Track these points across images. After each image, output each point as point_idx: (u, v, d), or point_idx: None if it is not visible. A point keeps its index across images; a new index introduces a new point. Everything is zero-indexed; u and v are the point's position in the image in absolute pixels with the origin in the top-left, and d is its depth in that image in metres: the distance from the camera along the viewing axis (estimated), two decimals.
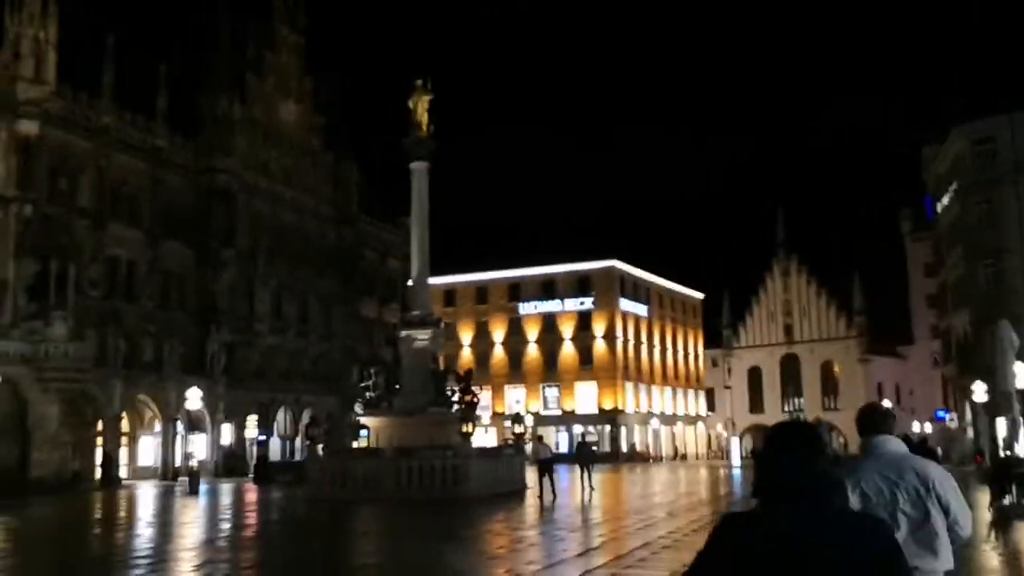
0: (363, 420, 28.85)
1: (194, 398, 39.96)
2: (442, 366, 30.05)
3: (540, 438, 29.26)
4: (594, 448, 31.80)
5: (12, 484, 39.46)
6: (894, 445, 4.33)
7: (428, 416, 27.01)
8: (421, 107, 29.91)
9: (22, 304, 42.26)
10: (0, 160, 42.73)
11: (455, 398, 27.82)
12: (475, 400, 28.25)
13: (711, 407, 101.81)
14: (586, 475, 25.40)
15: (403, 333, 28.50)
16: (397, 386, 28.42)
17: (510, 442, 32.93)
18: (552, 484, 25.26)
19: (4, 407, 41.19)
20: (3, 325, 41.60)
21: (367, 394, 28.08)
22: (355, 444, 33.11)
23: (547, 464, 25.57)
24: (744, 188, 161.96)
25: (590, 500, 24.57)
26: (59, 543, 20.09)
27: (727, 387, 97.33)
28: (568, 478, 33.49)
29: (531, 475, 29.91)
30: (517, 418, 32.55)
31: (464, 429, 25.64)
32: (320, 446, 29.33)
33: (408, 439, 26.36)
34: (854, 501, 4.06)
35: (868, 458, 4.27)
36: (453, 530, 18.46)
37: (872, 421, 4.41)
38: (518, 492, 25.91)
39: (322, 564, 13.94)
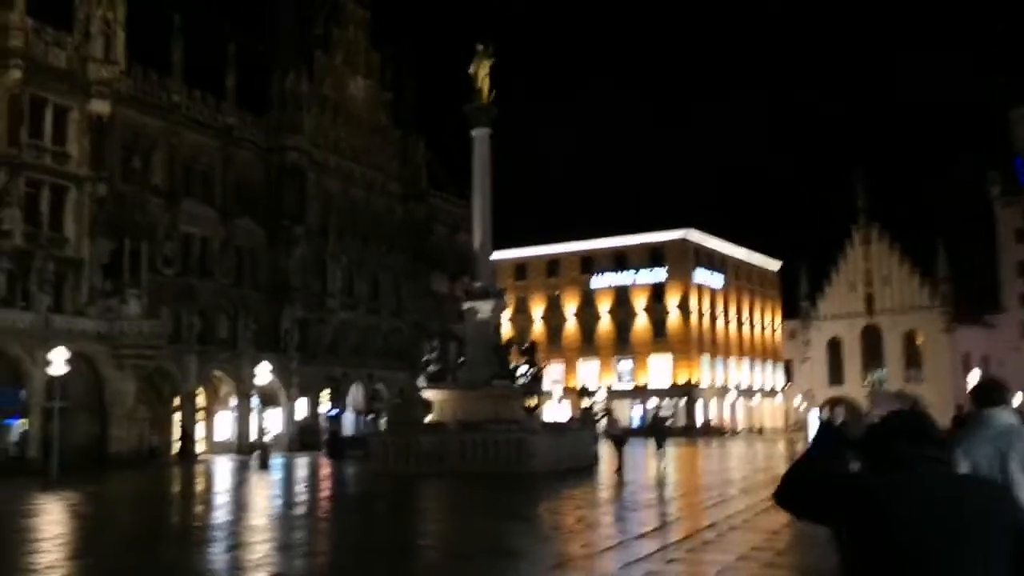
0: (426, 394, 28.53)
1: (264, 373, 40.23)
2: (506, 338, 29.48)
3: (610, 413, 28.65)
4: (668, 422, 30.98)
5: (92, 459, 40.44)
6: (1006, 417, 4.38)
7: (492, 389, 26.53)
8: (482, 72, 29.29)
9: (97, 282, 42.99)
10: (74, 140, 43.38)
11: (520, 371, 27.29)
12: (540, 373, 27.70)
13: (789, 379, 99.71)
14: (659, 450, 24.67)
15: (466, 305, 28.02)
16: (461, 359, 28.05)
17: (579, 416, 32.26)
18: (621, 459, 24.60)
19: (83, 384, 41.99)
20: (79, 303, 42.39)
21: (429, 367, 27.75)
22: (427, 419, 32.89)
23: (618, 439, 24.91)
24: (823, 153, 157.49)
25: (663, 476, 23.88)
26: (135, 516, 20.24)
27: (805, 359, 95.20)
28: (643, 453, 32.81)
29: (604, 450, 29.35)
30: (584, 392, 31.91)
31: (529, 402, 25.14)
32: (383, 420, 29.11)
33: (472, 413, 25.97)
34: (964, 470, 4.14)
35: (979, 429, 4.35)
36: (516, 507, 18.00)
37: (987, 393, 4.48)
38: (587, 467, 25.32)
39: (378, 543, 13.55)
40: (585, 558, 11.15)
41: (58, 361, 30.32)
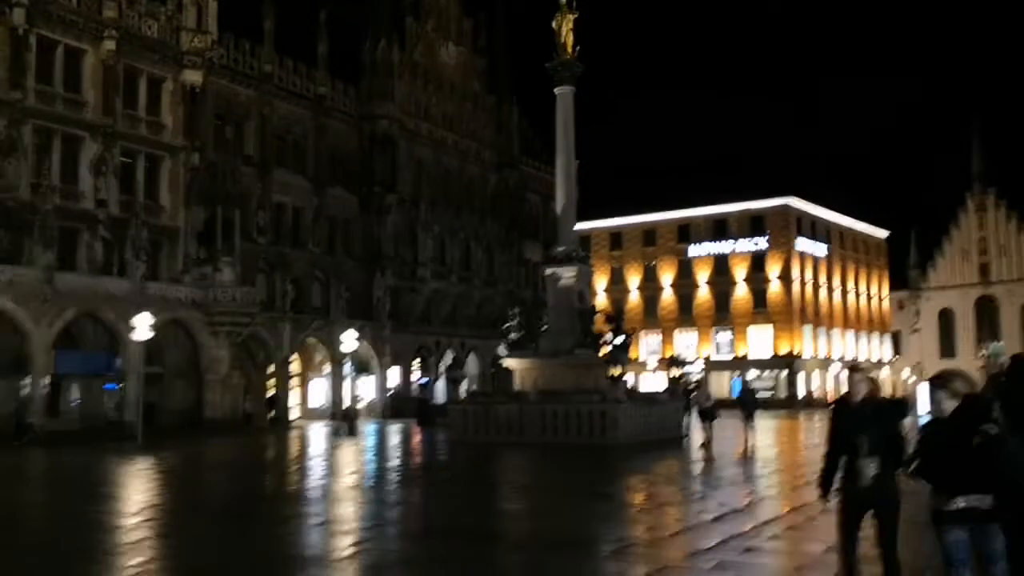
0: (506, 362, 27.85)
1: (350, 340, 40.16)
2: (590, 306, 28.50)
3: (699, 384, 27.50)
4: (757, 394, 29.53)
5: (188, 424, 41.22)
6: None
7: (574, 358, 25.65)
8: (566, 27, 28.22)
9: (192, 250, 43.60)
10: (168, 111, 43.95)
11: (606, 339, 26.34)
12: (626, 342, 26.69)
13: (897, 352, 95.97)
14: (747, 423, 23.45)
15: (547, 271, 27.16)
16: (544, 328, 27.28)
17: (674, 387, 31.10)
18: (710, 433, 23.51)
19: (180, 351, 42.81)
20: (174, 271, 43.07)
21: (511, 335, 27.03)
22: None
23: (708, 412, 23.76)
24: (935, 114, 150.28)
25: (751, 451, 22.70)
26: (210, 480, 20.19)
27: (915, 331, 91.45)
28: (735, 426, 31.51)
29: (693, 423, 28.22)
30: (675, 361, 30.79)
31: (612, 372, 24.20)
32: (463, 389, 28.57)
33: (553, 382, 25.17)
34: None
35: None
36: (592, 484, 17.14)
37: None
38: (674, 440, 24.27)
39: (427, 524, 12.91)
40: (651, 544, 10.23)
41: (143, 327, 30.64)
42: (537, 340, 27.12)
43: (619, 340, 26.02)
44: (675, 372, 29.58)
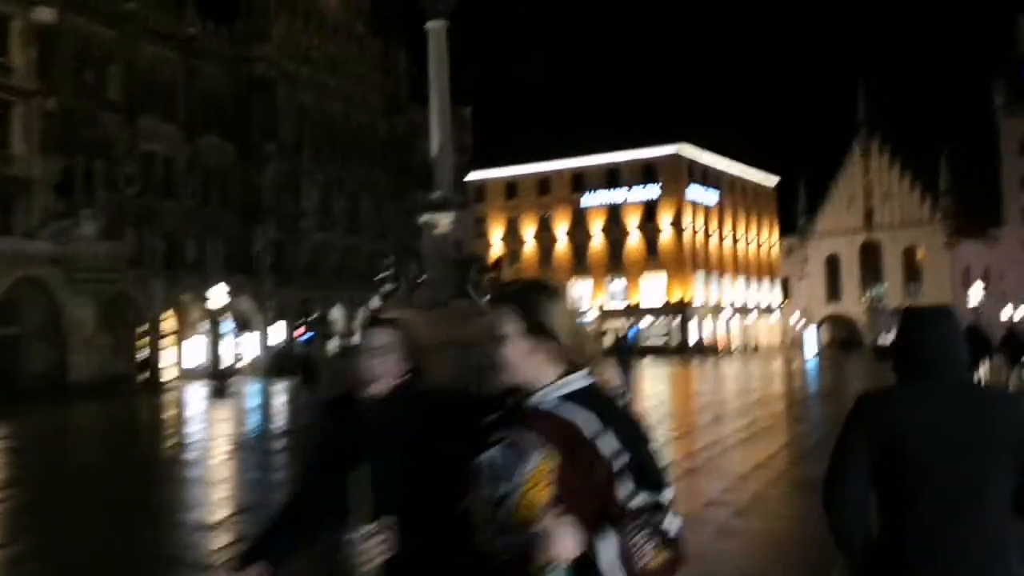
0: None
1: (219, 296, 38.08)
2: (467, 255, 27.14)
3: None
4: (645, 342, 28.77)
5: (51, 389, 38.56)
6: None
7: (451, 310, 24.30)
8: None
9: (50, 203, 40.62)
10: (18, 50, 40.56)
11: (484, 290, 25.05)
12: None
13: (786, 296, 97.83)
14: (624, 376, 22.60)
15: (422, 218, 25.65)
16: (423, 279, 25.87)
17: None
18: None
19: (38, 311, 39.93)
20: (31, 224, 40.08)
21: (384, 287, 25.56)
22: None
23: None
24: (822, 62, 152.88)
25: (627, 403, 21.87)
26: (53, 450, 18.30)
27: (803, 276, 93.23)
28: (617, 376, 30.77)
29: None
30: None
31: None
32: (332, 345, 27.07)
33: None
34: None
35: None
36: None
37: None
38: None
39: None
40: None
41: None
42: (411, 292, 25.73)
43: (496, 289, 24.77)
44: None
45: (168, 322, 47.40)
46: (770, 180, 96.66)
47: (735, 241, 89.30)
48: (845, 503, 2.60)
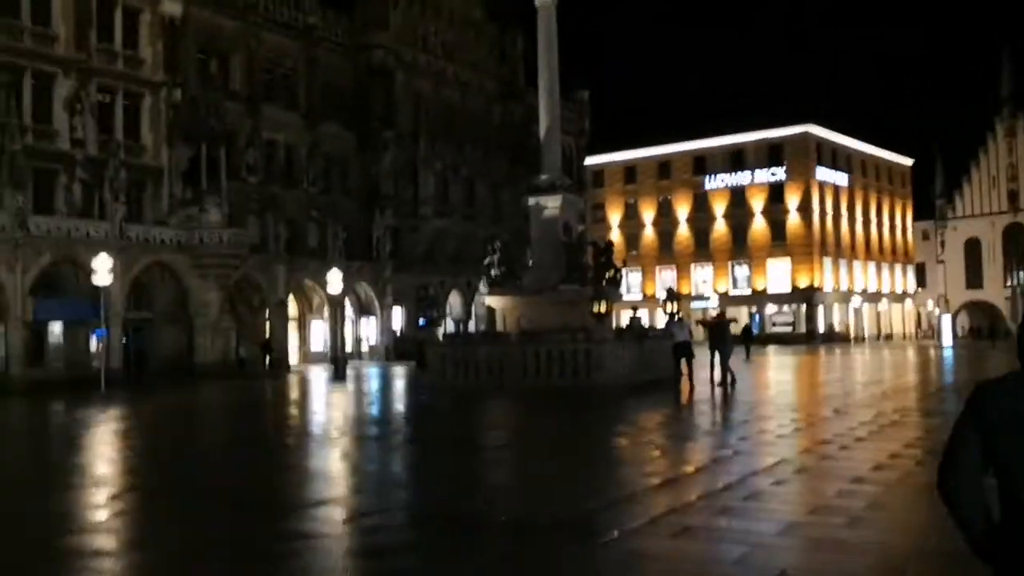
0: (487, 301, 26.09)
1: (336, 281, 38.52)
2: (577, 238, 26.49)
3: (674, 316, 25.53)
4: (732, 326, 27.30)
5: (178, 370, 39.87)
6: None
7: (558, 294, 23.77)
8: None
9: (177, 191, 41.90)
10: (146, 44, 41.92)
11: (594, 274, 24.43)
12: (616, 276, 24.71)
13: (921, 283, 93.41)
14: (714, 360, 21.63)
15: (531, 201, 25.17)
16: (531, 263, 25.46)
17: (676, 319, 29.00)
18: (690, 371, 21.73)
19: (167, 295, 41.35)
20: (160, 213, 41.45)
21: (492, 271, 25.19)
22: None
23: (683, 348, 21.94)
24: (960, 32, 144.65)
25: (728, 390, 20.93)
26: (168, 430, 18.71)
27: (940, 261, 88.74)
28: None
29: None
30: (671, 296, 28.78)
31: (597, 309, 22.29)
32: (441, 330, 26.90)
33: (536, 321, 23.32)
34: None
35: None
36: (568, 435, 15.48)
37: None
38: (665, 380, 22.46)
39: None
40: (625, 502, 8.54)
41: (102, 270, 29.03)
42: (519, 276, 25.34)
43: (608, 274, 24.10)
44: (671, 307, 27.40)
45: (290, 307, 48.42)
46: (905, 161, 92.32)
47: (867, 225, 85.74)
48: (960, 488, 2.64)
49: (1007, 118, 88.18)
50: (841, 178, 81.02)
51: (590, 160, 77.20)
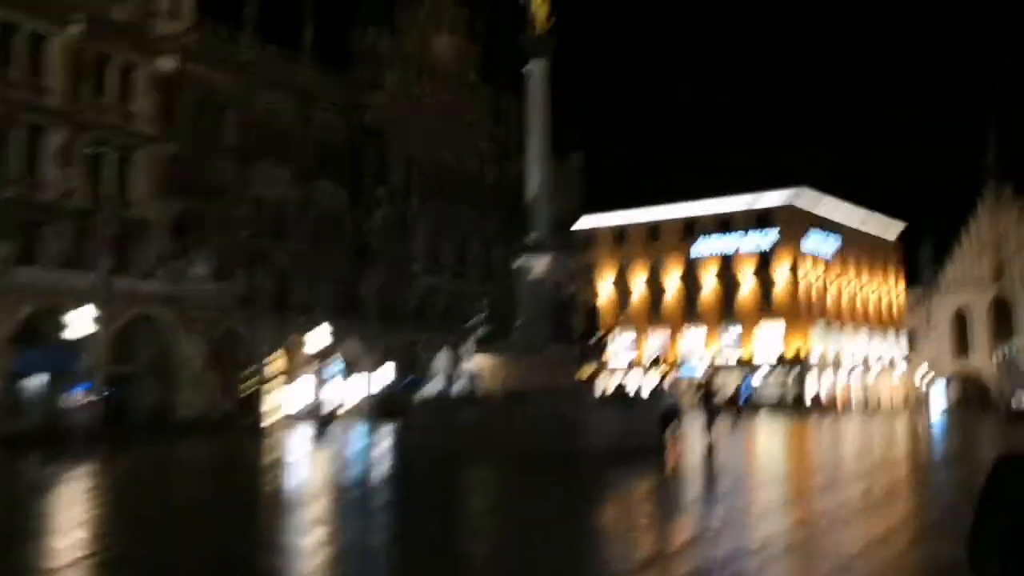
0: (473, 360, 25.81)
1: (321, 337, 38.19)
2: (566, 299, 26.27)
3: (663, 382, 25.26)
4: (717, 395, 26.83)
5: (159, 425, 39.26)
6: None
7: (545, 356, 23.50)
8: None
9: (165, 244, 41.72)
10: (140, 98, 42.08)
11: (582, 336, 24.18)
12: (603, 338, 24.48)
13: (912, 349, 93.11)
14: (708, 430, 21.28)
15: (518, 261, 25.03)
16: (518, 323, 25.20)
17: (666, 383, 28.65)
18: (676, 438, 21.38)
19: (152, 349, 40.91)
20: (148, 264, 41.18)
21: (478, 331, 24.96)
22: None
23: (670, 414, 21.61)
24: (949, 99, 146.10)
25: (709, 459, 20.56)
26: (141, 490, 18.19)
27: (929, 330, 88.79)
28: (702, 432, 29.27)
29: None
30: (656, 361, 28.55)
31: (585, 370, 21.97)
32: (425, 389, 26.56)
33: (522, 382, 22.96)
34: None
35: None
36: (557, 502, 15.08)
37: None
38: (651, 447, 22.01)
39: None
40: None
41: (81, 322, 28.66)
42: (504, 336, 25.08)
43: (596, 336, 23.87)
44: (656, 372, 27.12)
45: (277, 363, 47.97)
46: (895, 226, 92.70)
47: (858, 291, 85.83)
48: (988, 570, 2.58)
49: (993, 189, 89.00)
50: (832, 243, 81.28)
51: (582, 222, 77.42)
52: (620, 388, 30.70)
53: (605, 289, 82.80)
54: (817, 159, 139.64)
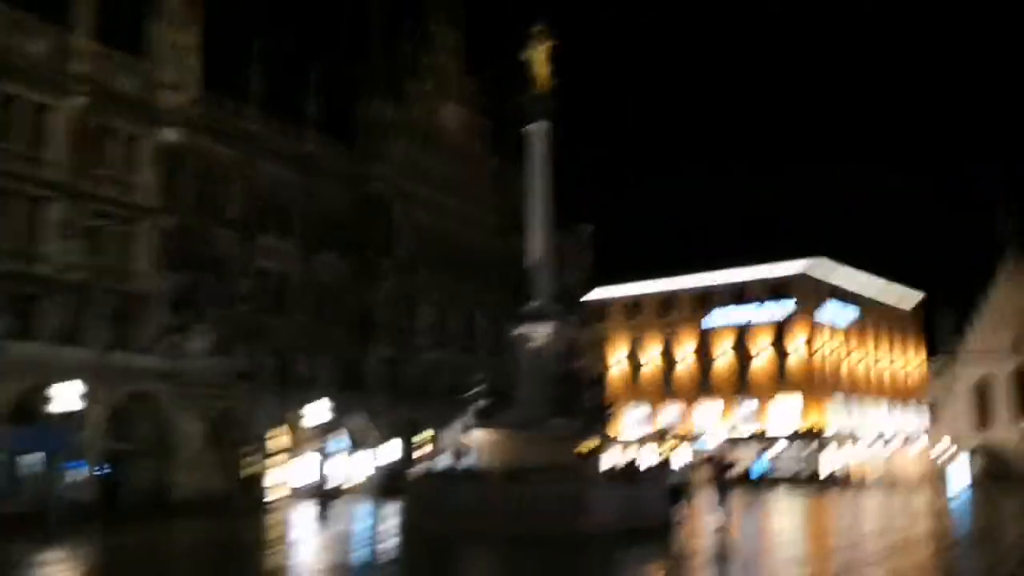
0: (471, 436, 24.73)
1: (320, 413, 37.13)
2: (567, 371, 25.29)
3: (670, 456, 24.14)
4: (730, 470, 25.33)
5: (155, 505, 38.03)
6: None
7: (546, 430, 22.37)
8: (539, 58, 25.84)
9: (165, 318, 40.96)
10: (143, 170, 41.75)
11: (586, 410, 23.12)
12: (606, 412, 23.39)
13: (933, 421, 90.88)
14: (720, 506, 20.09)
15: (517, 330, 24.11)
16: (517, 397, 24.16)
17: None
18: (686, 516, 20.11)
19: (149, 426, 39.88)
20: (146, 339, 40.38)
21: (477, 403, 23.94)
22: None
23: (679, 491, 20.38)
24: (965, 168, 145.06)
25: (721, 538, 19.28)
26: None
27: (949, 401, 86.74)
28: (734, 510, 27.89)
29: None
30: (663, 434, 27.38)
31: (586, 446, 20.84)
32: (420, 467, 25.41)
33: (521, 458, 21.80)
34: None
35: None
36: None
37: None
38: (659, 527, 20.74)
39: None
40: None
41: (69, 396, 27.74)
42: (504, 410, 24.01)
43: (600, 410, 22.82)
44: (662, 447, 25.94)
45: (279, 439, 46.79)
46: (913, 296, 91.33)
47: (876, 362, 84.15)
48: None
49: (1010, 259, 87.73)
50: (849, 313, 79.97)
51: (594, 293, 76.59)
52: (631, 464, 29.45)
53: (618, 361, 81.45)
54: (835, 228, 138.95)
